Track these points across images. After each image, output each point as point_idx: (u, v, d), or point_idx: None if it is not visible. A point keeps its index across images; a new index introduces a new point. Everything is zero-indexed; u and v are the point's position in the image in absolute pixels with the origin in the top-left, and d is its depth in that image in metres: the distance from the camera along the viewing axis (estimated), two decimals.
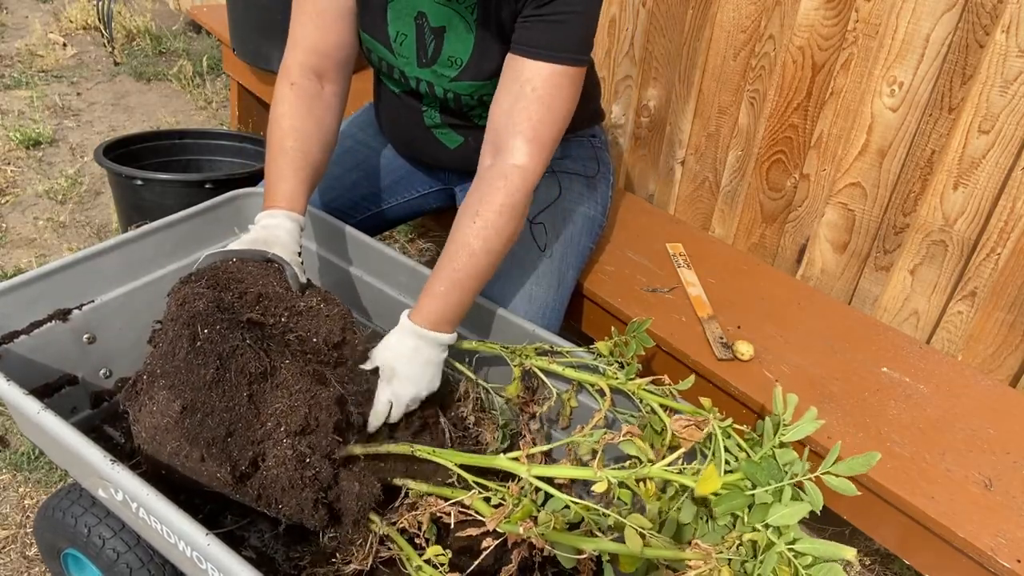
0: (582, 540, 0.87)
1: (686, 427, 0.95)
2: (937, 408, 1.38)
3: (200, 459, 0.98)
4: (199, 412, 0.99)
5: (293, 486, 0.99)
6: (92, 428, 1.31)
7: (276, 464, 1.00)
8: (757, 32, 1.75)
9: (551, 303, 1.42)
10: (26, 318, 1.18)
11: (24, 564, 1.50)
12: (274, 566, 1.12)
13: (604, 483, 0.89)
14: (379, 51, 1.38)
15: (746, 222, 1.94)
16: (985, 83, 1.43)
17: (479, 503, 0.94)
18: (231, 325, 1.06)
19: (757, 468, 0.85)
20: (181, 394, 0.99)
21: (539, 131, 1.19)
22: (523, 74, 1.19)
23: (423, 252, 2.55)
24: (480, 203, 1.20)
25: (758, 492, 0.83)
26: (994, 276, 1.52)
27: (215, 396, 1.01)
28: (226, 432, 1.00)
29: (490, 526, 0.89)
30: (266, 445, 1.01)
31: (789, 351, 1.49)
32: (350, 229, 1.42)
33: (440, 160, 1.57)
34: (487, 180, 1.21)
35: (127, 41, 3.81)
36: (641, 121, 2.12)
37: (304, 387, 1.05)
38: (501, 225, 1.20)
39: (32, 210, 2.54)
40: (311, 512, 1.00)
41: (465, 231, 1.20)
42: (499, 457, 0.96)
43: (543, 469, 0.93)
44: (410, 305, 1.19)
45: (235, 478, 0.99)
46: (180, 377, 1.00)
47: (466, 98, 1.38)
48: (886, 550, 1.54)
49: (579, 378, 1.18)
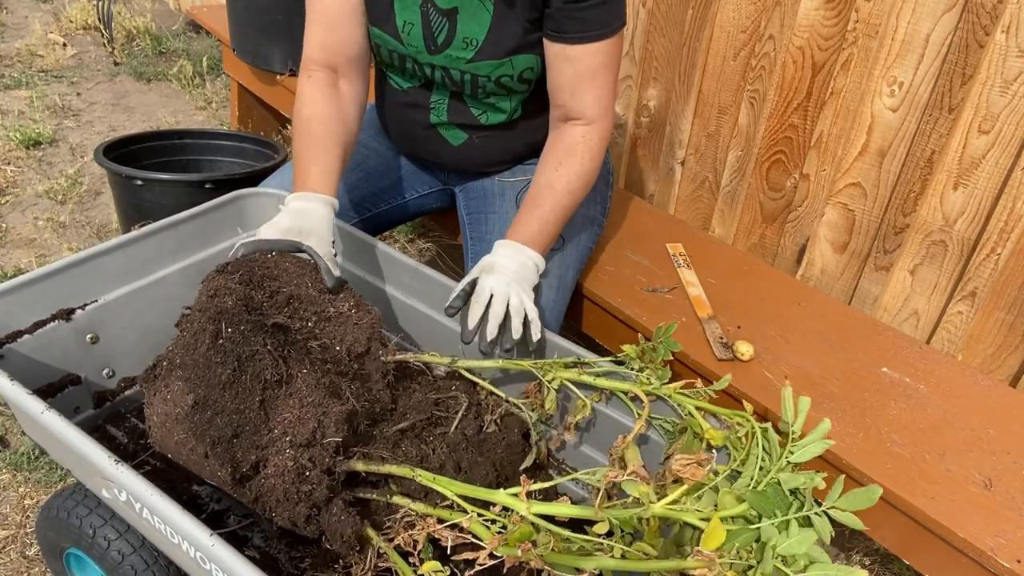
0: (581, 560, 0.86)
1: (687, 466, 0.95)
2: (937, 408, 1.38)
3: (204, 455, 0.99)
4: (210, 410, 1.00)
5: (288, 499, 0.99)
6: (95, 428, 1.32)
7: (275, 473, 1.00)
8: (757, 32, 1.75)
9: (552, 304, 1.42)
10: (29, 318, 1.18)
11: (24, 564, 1.50)
12: (277, 566, 1.12)
13: (605, 524, 0.88)
14: (389, 43, 1.39)
15: (746, 222, 1.94)
16: (985, 83, 1.43)
17: (477, 526, 0.93)
18: (255, 328, 1.07)
19: (763, 499, 0.85)
20: (195, 388, 1.01)
21: (602, 98, 1.33)
22: (574, 56, 1.30)
23: (423, 252, 2.56)
24: (564, 156, 1.35)
25: (764, 526, 0.82)
26: (994, 276, 1.53)
27: (228, 396, 1.02)
28: (233, 433, 1.01)
29: (489, 549, 0.88)
30: (269, 452, 1.02)
31: (789, 351, 1.49)
32: (351, 229, 1.42)
33: (441, 158, 1.57)
34: (566, 139, 1.36)
35: (127, 41, 3.81)
36: (641, 121, 2.12)
37: (317, 400, 1.05)
38: (581, 171, 1.35)
39: (32, 210, 2.54)
40: (303, 525, 1.01)
41: (549, 175, 1.34)
42: (499, 492, 0.94)
43: (543, 507, 0.91)
44: (414, 307, 1.20)
45: (235, 479, 0.99)
46: (197, 372, 1.02)
47: (483, 79, 1.38)
48: (886, 550, 1.55)
49: (612, 387, 1.17)
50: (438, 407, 1.23)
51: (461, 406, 1.23)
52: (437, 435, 1.20)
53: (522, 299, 1.21)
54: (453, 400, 1.24)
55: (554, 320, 1.42)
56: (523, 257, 1.27)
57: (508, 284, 1.21)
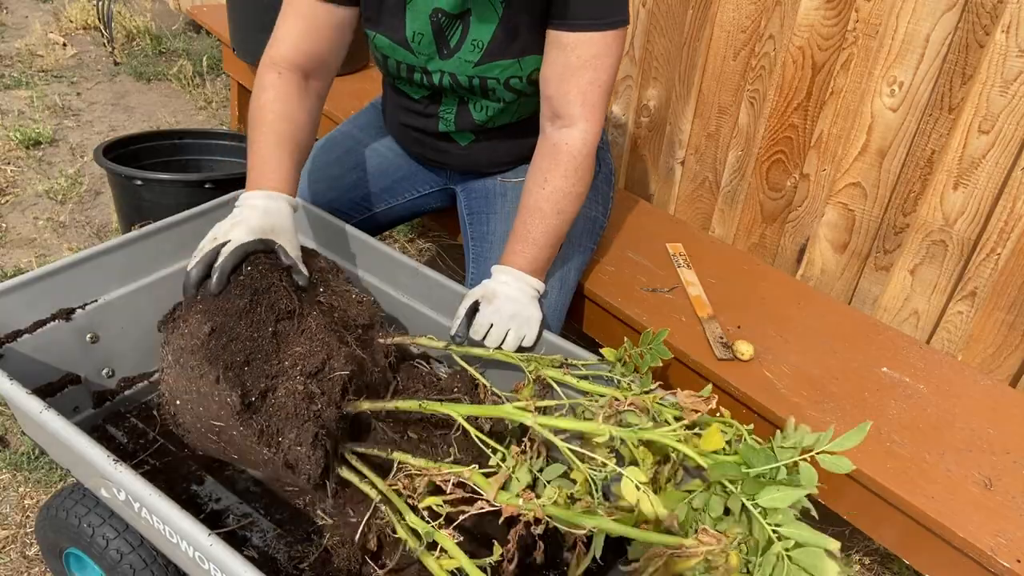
0: (582, 517, 0.86)
1: (691, 399, 0.96)
2: (937, 408, 1.38)
3: (215, 381, 1.02)
4: (225, 336, 1.05)
5: (298, 415, 1.03)
6: (94, 428, 1.32)
7: (285, 395, 1.04)
8: (757, 32, 1.75)
9: (554, 304, 1.42)
10: (29, 317, 1.18)
11: (24, 564, 1.50)
12: (276, 566, 1.13)
13: (606, 434, 0.90)
14: (398, 54, 1.38)
15: (746, 222, 1.94)
16: (985, 83, 1.43)
17: (478, 476, 0.93)
18: (271, 266, 1.13)
19: (754, 452, 0.86)
20: (212, 317, 1.06)
21: (589, 95, 1.27)
22: (567, 45, 1.26)
23: (423, 252, 2.55)
24: (548, 170, 1.30)
25: (752, 472, 0.85)
26: (994, 276, 1.52)
27: (243, 324, 1.07)
28: (244, 359, 1.05)
29: (489, 497, 0.88)
30: (279, 380, 1.06)
31: (789, 351, 1.49)
32: (351, 229, 1.42)
33: (447, 159, 1.58)
34: (550, 147, 1.31)
35: (127, 41, 3.81)
36: (641, 121, 2.12)
37: (326, 339, 1.10)
38: (568, 188, 1.30)
39: (32, 210, 2.54)
40: (309, 448, 1.03)
41: (536, 196, 1.30)
42: (506, 406, 0.97)
43: (548, 420, 0.94)
44: (414, 307, 1.20)
45: (243, 405, 1.02)
46: (216, 303, 1.07)
47: (492, 82, 1.37)
48: (886, 550, 1.55)
49: (593, 390, 1.15)
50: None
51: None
52: (437, 436, 1.20)
53: (519, 334, 1.23)
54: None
55: (556, 320, 1.43)
56: (521, 284, 1.27)
57: (510, 319, 1.22)
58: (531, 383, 1.19)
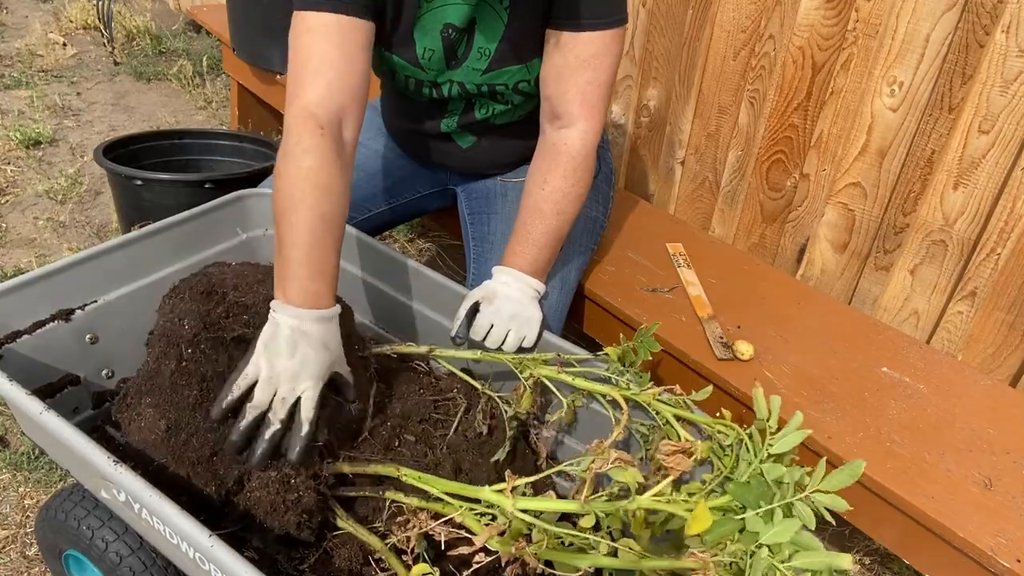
0: (577, 557, 0.86)
1: (672, 454, 0.94)
2: (937, 408, 1.38)
3: (187, 476, 0.99)
4: (183, 432, 1.01)
5: (275, 509, 0.98)
6: (94, 428, 1.31)
7: (259, 486, 0.99)
8: (757, 32, 1.75)
9: (554, 304, 1.42)
10: (29, 318, 1.18)
11: (24, 564, 1.50)
12: (276, 567, 1.12)
13: (591, 518, 0.88)
14: (407, 70, 1.37)
15: (746, 222, 1.94)
16: (985, 83, 1.43)
17: (470, 520, 0.92)
18: (215, 345, 1.06)
19: (746, 490, 0.83)
20: (166, 414, 1.01)
21: (588, 95, 1.27)
22: (565, 44, 1.26)
23: (423, 252, 2.55)
24: (547, 170, 1.30)
25: (748, 516, 0.81)
26: (994, 276, 1.52)
27: (199, 417, 1.01)
28: (211, 452, 1.01)
29: (479, 543, 0.88)
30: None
31: (789, 351, 1.49)
32: (351, 229, 1.42)
33: (448, 160, 1.58)
34: (549, 147, 1.31)
35: (127, 41, 3.81)
36: (641, 121, 2.12)
37: None
38: (567, 188, 1.30)
39: (32, 210, 2.54)
40: (296, 532, 1.00)
41: (536, 197, 1.30)
42: (484, 489, 0.93)
43: (528, 502, 0.90)
44: (412, 307, 1.19)
45: (221, 496, 0.99)
46: (165, 396, 1.02)
47: (501, 87, 1.37)
48: (886, 550, 1.54)
49: (591, 388, 1.16)
50: (437, 409, 1.23)
51: (460, 408, 1.22)
52: (437, 436, 1.20)
53: (520, 335, 1.22)
54: (452, 402, 1.24)
55: (556, 321, 1.42)
56: (522, 284, 1.27)
57: (510, 319, 1.22)
58: (528, 390, 1.18)
